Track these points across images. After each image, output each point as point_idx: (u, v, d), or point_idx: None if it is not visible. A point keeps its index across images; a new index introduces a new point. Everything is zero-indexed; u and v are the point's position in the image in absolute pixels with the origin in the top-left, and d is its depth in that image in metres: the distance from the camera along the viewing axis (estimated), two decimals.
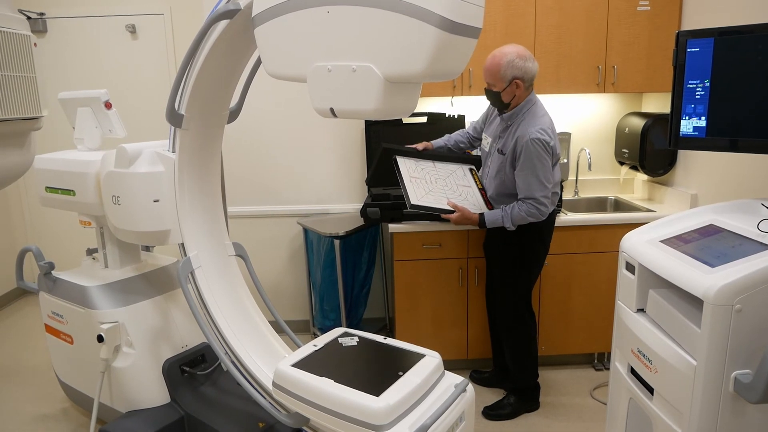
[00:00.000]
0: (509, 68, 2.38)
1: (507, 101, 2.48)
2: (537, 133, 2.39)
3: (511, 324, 2.77)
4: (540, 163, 2.41)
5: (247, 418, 2.35)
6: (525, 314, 2.76)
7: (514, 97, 2.46)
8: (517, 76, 2.39)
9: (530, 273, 2.72)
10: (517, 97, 2.46)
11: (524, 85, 2.43)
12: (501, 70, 2.39)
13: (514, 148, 2.47)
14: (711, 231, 1.86)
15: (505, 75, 2.39)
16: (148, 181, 2.20)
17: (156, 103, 4.18)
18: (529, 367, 2.81)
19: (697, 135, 1.99)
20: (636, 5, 3.11)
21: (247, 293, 2.40)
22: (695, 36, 1.94)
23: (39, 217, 4.56)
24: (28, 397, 3.09)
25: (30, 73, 1.49)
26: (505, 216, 2.50)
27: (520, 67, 2.39)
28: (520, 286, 2.72)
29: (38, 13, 4.20)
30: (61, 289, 2.59)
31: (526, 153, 2.40)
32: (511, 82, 2.40)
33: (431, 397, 1.90)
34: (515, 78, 2.40)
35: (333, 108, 1.62)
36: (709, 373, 1.55)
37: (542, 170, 2.42)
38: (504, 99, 2.47)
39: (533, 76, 2.46)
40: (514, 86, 2.42)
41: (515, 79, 2.40)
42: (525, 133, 2.41)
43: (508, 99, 2.47)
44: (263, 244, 3.74)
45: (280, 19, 1.61)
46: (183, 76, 2.07)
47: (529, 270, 2.71)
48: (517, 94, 2.45)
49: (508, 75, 2.39)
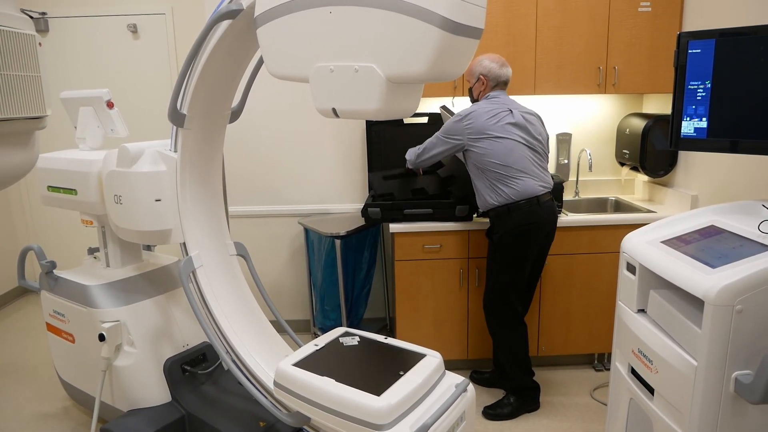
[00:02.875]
0: (477, 66, 2.75)
1: (476, 96, 2.81)
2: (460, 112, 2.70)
3: (493, 326, 2.81)
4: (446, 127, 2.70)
5: (248, 417, 2.35)
6: (507, 316, 2.75)
7: (480, 92, 2.78)
8: (482, 73, 2.73)
9: (505, 277, 2.70)
10: (482, 92, 2.77)
11: (488, 83, 2.74)
12: (473, 67, 2.76)
13: None
14: (712, 232, 1.86)
15: (474, 71, 2.76)
16: (149, 181, 2.20)
17: (157, 102, 4.19)
18: (523, 367, 2.81)
19: (698, 136, 1.99)
20: (637, 6, 3.11)
21: (248, 293, 2.40)
22: (696, 37, 1.95)
23: (41, 217, 4.57)
24: (30, 396, 3.09)
25: (35, 72, 1.49)
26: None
27: (486, 66, 2.74)
28: (500, 290, 2.73)
29: (40, 13, 4.20)
30: (62, 288, 2.60)
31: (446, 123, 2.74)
32: (478, 77, 2.75)
33: (432, 397, 1.90)
34: (480, 74, 2.74)
35: (335, 108, 1.63)
36: (709, 374, 1.56)
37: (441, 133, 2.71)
38: (474, 94, 2.81)
39: (498, 77, 2.73)
40: (480, 82, 2.75)
41: (480, 74, 2.74)
42: None
43: (476, 93, 2.80)
44: (264, 243, 3.75)
45: (283, 19, 1.62)
46: (185, 76, 2.07)
47: (502, 274, 2.70)
48: (482, 90, 2.77)
49: (476, 71, 2.75)
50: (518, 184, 2.60)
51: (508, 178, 2.61)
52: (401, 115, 1.68)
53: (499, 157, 2.60)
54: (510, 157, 2.60)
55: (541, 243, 2.72)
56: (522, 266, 2.69)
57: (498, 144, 2.60)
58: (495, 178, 2.62)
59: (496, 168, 2.61)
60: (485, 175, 2.65)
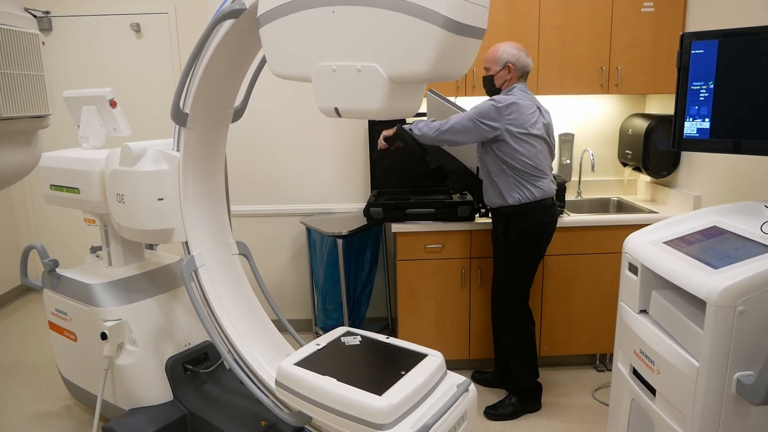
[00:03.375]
0: (504, 53, 2.59)
1: (499, 85, 2.64)
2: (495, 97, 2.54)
3: (508, 325, 2.79)
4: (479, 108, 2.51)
5: (250, 416, 2.35)
6: (520, 316, 2.76)
7: (504, 82, 2.62)
8: (510, 61, 2.58)
9: (522, 274, 2.72)
10: (507, 81, 2.62)
11: (516, 72, 2.60)
12: (498, 54, 2.60)
13: None
14: (714, 233, 1.86)
15: (501, 58, 2.59)
16: (152, 180, 2.21)
17: (160, 101, 4.19)
18: (529, 368, 2.81)
19: (701, 137, 1.99)
20: (640, 6, 3.11)
21: (250, 292, 2.41)
22: (699, 38, 1.94)
23: (43, 215, 4.58)
24: (32, 394, 3.10)
25: (38, 71, 1.49)
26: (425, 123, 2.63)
27: (514, 54, 2.59)
28: (513, 286, 2.73)
29: (43, 12, 4.21)
30: (65, 286, 2.60)
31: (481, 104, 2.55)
32: (505, 65, 2.59)
33: (433, 397, 1.90)
34: (508, 62, 2.58)
35: (337, 108, 1.63)
36: (711, 375, 1.55)
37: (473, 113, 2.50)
38: (496, 83, 2.63)
39: (525, 67, 2.61)
40: (506, 70, 2.59)
41: (508, 62, 2.58)
42: None
43: (500, 83, 2.63)
44: (266, 243, 3.75)
45: (286, 18, 1.62)
46: (188, 75, 2.07)
47: (519, 270, 2.71)
48: (507, 79, 2.61)
49: (503, 59, 2.59)
50: (542, 184, 2.59)
51: (535, 177, 2.57)
52: (404, 114, 1.68)
53: (532, 158, 2.54)
54: (539, 157, 2.56)
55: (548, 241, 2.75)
56: (536, 263, 2.73)
57: (534, 143, 2.54)
58: (523, 176, 2.55)
59: (526, 167, 2.54)
60: (512, 172, 2.56)
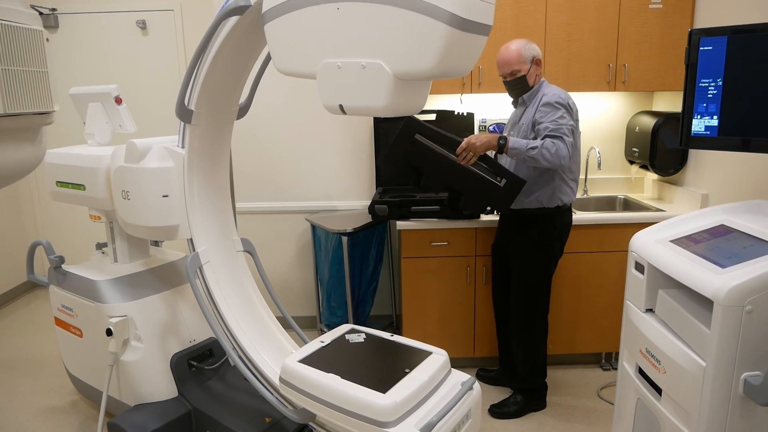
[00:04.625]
0: (527, 50, 2.52)
1: (532, 83, 2.57)
2: (558, 97, 2.47)
3: (526, 324, 2.75)
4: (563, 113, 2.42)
5: (254, 413, 2.36)
6: (541, 311, 2.74)
7: (535, 77, 2.57)
8: (535, 55, 2.54)
9: (550, 269, 2.71)
10: (537, 76, 2.58)
11: (541, 65, 2.58)
12: (523, 53, 2.51)
13: (535, 113, 2.52)
14: (722, 231, 1.85)
15: (527, 57, 2.52)
16: (157, 177, 2.21)
17: (166, 98, 4.19)
18: (538, 368, 2.80)
19: (709, 134, 1.97)
20: (648, 3, 3.08)
21: (254, 289, 2.41)
22: (708, 34, 1.93)
23: (49, 212, 4.60)
24: (38, 390, 3.12)
25: (42, 68, 1.50)
26: (533, 142, 2.40)
27: (535, 48, 2.55)
28: (540, 286, 2.70)
29: (50, 9, 4.22)
30: (71, 282, 2.61)
31: (548, 108, 2.45)
32: (533, 60, 2.53)
33: (438, 395, 1.90)
34: (534, 56, 2.54)
35: (342, 105, 1.62)
36: (718, 375, 1.54)
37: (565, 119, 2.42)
38: (530, 81, 2.56)
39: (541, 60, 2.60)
40: (536, 65, 2.54)
41: (535, 57, 2.54)
42: (546, 97, 2.50)
43: (532, 80, 2.56)
44: (271, 240, 3.75)
45: (290, 15, 1.62)
46: (193, 72, 2.07)
47: (547, 264, 2.69)
48: (537, 74, 2.57)
49: (529, 56, 2.52)
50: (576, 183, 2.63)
51: (575, 174, 2.59)
52: (409, 111, 1.68)
53: (577, 151, 2.55)
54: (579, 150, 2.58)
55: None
56: (557, 261, 2.73)
57: (579, 137, 2.54)
58: (572, 175, 2.57)
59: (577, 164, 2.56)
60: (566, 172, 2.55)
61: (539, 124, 2.47)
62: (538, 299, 2.72)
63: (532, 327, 2.75)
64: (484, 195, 2.53)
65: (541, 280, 2.70)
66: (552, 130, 2.40)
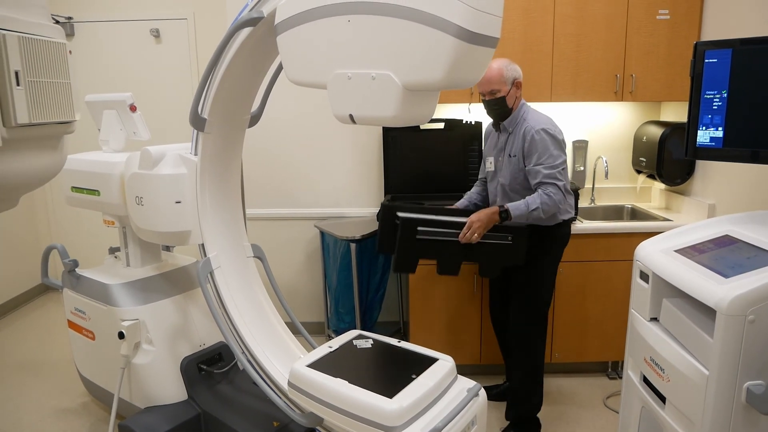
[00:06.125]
0: (509, 71, 2.47)
1: (511, 104, 2.51)
2: (543, 125, 2.43)
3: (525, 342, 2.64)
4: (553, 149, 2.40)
5: (262, 416, 2.38)
6: (540, 335, 2.65)
7: (515, 99, 2.52)
8: (516, 78, 2.49)
9: (552, 284, 2.64)
10: (517, 99, 2.53)
11: (521, 87, 2.52)
12: (505, 73, 2.46)
13: (523, 145, 2.47)
14: (726, 242, 1.86)
15: (508, 77, 2.46)
16: (170, 183, 2.26)
17: (179, 106, 4.26)
18: (534, 398, 2.68)
19: (714, 145, 1.99)
20: (656, 14, 3.10)
21: (264, 294, 2.44)
22: (713, 47, 1.95)
23: (63, 216, 4.67)
24: (50, 391, 3.16)
25: (65, 79, 1.55)
26: (531, 201, 2.37)
27: (517, 69, 2.50)
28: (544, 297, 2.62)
29: (66, 17, 4.31)
30: (84, 286, 2.66)
31: (536, 143, 2.41)
32: (513, 82, 2.48)
33: (444, 401, 1.92)
34: (515, 79, 2.48)
35: (352, 114, 1.66)
36: (721, 383, 1.56)
37: (556, 158, 2.40)
38: (509, 102, 2.50)
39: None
40: (516, 87, 2.49)
41: (516, 79, 2.48)
42: (531, 127, 2.45)
43: (512, 102, 2.51)
44: (280, 246, 3.79)
45: (302, 27, 1.66)
46: (206, 81, 2.12)
47: (550, 281, 2.63)
48: (517, 96, 2.52)
49: (510, 77, 2.47)
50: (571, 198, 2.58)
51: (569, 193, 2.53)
52: (417, 121, 1.71)
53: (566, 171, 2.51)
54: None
55: None
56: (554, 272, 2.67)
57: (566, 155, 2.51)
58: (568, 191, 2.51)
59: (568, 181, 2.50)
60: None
61: (531, 164, 2.43)
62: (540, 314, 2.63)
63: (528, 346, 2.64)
64: (498, 258, 2.47)
65: (545, 294, 2.62)
66: (545, 176, 2.38)
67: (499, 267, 2.50)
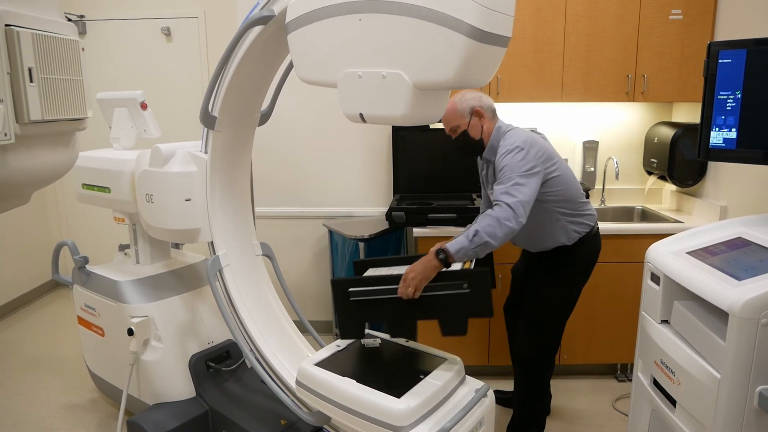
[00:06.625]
0: (462, 103, 2.27)
1: (477, 135, 2.28)
2: (509, 146, 2.16)
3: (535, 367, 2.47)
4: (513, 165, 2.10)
5: (270, 414, 2.39)
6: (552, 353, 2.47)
7: (482, 129, 2.28)
8: (474, 106, 2.26)
9: (569, 306, 2.43)
10: (485, 128, 2.28)
11: (486, 114, 2.28)
12: (458, 107, 2.27)
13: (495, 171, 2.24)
14: (739, 244, 1.84)
15: (463, 110, 2.26)
16: (180, 181, 2.27)
17: (189, 104, 4.28)
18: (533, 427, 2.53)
19: (727, 147, 1.97)
20: (668, 14, 3.08)
21: (272, 292, 2.45)
22: (727, 47, 1.93)
23: (74, 213, 4.70)
24: (59, 387, 3.19)
25: (78, 76, 1.56)
26: (468, 233, 1.99)
27: (473, 97, 2.28)
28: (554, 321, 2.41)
29: (78, 16, 4.33)
30: (94, 282, 2.68)
31: (502, 168, 2.13)
32: (471, 112, 2.26)
33: (452, 401, 1.92)
34: (473, 108, 2.26)
35: (362, 113, 1.66)
36: (733, 387, 1.54)
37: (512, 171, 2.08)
38: (473, 134, 2.27)
39: (490, 105, 2.31)
40: (477, 116, 2.26)
41: (474, 108, 2.26)
42: (501, 154, 2.19)
43: (477, 133, 2.28)
44: (289, 244, 3.80)
45: (313, 25, 1.66)
46: (217, 80, 2.13)
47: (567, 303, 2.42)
48: (483, 125, 2.28)
49: (466, 108, 2.26)
50: (590, 208, 2.35)
51: (582, 204, 2.30)
52: (428, 120, 1.71)
53: (571, 183, 2.26)
54: (575, 179, 2.30)
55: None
56: (573, 299, 2.44)
57: (566, 168, 2.26)
58: (572, 209, 2.27)
59: (573, 197, 2.26)
60: (559, 210, 2.26)
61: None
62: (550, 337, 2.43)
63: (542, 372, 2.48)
64: (457, 312, 1.97)
65: (558, 318, 2.41)
66: (496, 195, 2.07)
67: (462, 322, 1.97)
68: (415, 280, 1.92)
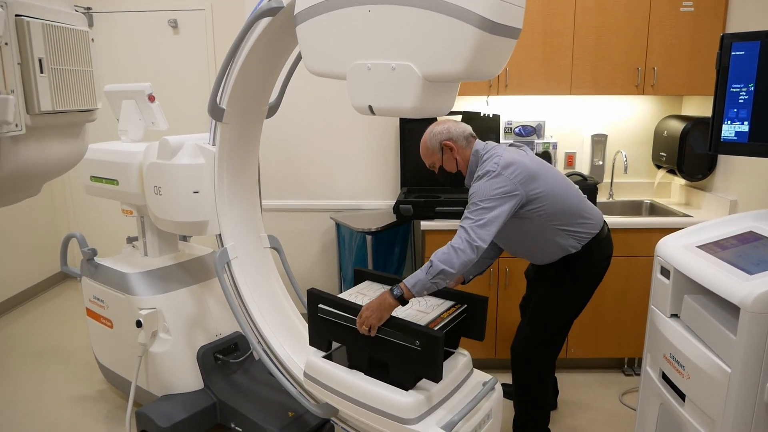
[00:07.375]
0: (432, 140, 2.20)
1: (453, 169, 2.21)
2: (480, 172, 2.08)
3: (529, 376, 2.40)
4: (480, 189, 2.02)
5: (278, 406, 2.40)
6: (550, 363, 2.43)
7: (456, 161, 2.20)
8: (443, 140, 2.18)
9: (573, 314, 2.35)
10: (460, 158, 2.19)
11: (458, 144, 2.18)
12: (429, 145, 2.20)
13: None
14: (750, 238, 1.83)
15: (433, 147, 2.19)
16: (188, 173, 2.27)
17: (197, 96, 4.27)
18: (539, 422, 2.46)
19: (739, 140, 1.95)
20: (679, 6, 3.05)
21: (280, 285, 2.45)
22: (741, 39, 1.91)
23: (82, 205, 4.72)
24: (68, 378, 3.21)
25: (88, 67, 1.56)
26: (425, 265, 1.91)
27: (441, 131, 2.19)
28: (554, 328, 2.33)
29: (85, 8, 4.34)
30: (102, 275, 2.69)
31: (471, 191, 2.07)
32: (442, 147, 2.19)
33: (460, 394, 1.92)
34: (441, 142, 2.18)
35: (371, 105, 1.65)
36: (743, 382, 1.53)
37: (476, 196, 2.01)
38: (449, 168, 2.21)
39: (463, 132, 2.20)
40: (448, 150, 2.18)
41: (442, 143, 2.18)
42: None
43: (453, 166, 2.21)
44: (296, 237, 3.80)
45: (322, 17, 1.65)
46: (225, 72, 2.12)
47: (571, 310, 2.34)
48: (458, 157, 2.19)
49: (436, 144, 2.19)
50: (592, 214, 2.21)
51: (578, 214, 2.17)
52: (437, 113, 1.70)
53: (559, 196, 2.12)
54: (570, 188, 2.19)
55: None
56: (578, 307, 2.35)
57: (556, 178, 2.14)
58: (569, 220, 2.15)
59: (565, 209, 2.13)
60: (557, 224, 2.13)
61: None
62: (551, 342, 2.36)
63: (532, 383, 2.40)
64: (407, 365, 1.84)
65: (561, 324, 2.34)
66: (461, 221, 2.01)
67: (409, 376, 1.84)
68: (369, 319, 1.85)
